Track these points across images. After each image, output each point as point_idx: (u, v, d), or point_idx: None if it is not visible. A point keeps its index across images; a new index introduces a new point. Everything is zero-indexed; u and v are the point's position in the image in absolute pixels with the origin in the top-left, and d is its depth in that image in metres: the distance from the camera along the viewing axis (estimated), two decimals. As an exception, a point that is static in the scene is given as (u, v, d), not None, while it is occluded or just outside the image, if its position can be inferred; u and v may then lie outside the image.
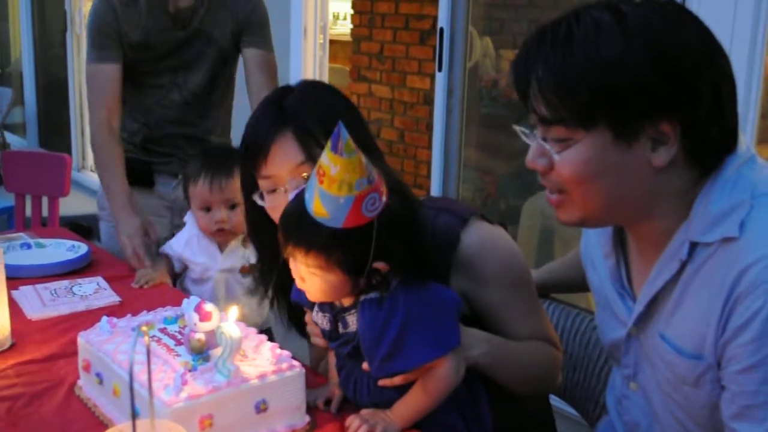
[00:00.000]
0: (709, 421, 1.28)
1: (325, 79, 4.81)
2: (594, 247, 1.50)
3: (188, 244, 2.28)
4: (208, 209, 2.21)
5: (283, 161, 1.59)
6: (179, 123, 2.75)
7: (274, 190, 1.61)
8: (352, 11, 4.71)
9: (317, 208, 1.31)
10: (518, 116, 4.02)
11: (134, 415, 0.95)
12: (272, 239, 1.62)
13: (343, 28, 7.16)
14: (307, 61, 4.63)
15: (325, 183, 1.28)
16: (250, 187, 1.66)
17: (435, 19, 3.98)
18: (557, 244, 3.82)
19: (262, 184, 1.62)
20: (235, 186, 2.09)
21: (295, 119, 1.59)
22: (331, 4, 4.87)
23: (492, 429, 1.55)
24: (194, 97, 2.75)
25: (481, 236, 1.58)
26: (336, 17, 7.98)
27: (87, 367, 1.55)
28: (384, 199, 1.33)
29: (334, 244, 1.34)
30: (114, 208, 2.51)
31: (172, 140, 2.77)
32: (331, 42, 4.95)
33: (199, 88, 2.74)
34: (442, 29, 3.81)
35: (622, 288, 1.42)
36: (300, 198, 1.37)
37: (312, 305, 1.51)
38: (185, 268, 2.31)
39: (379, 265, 1.37)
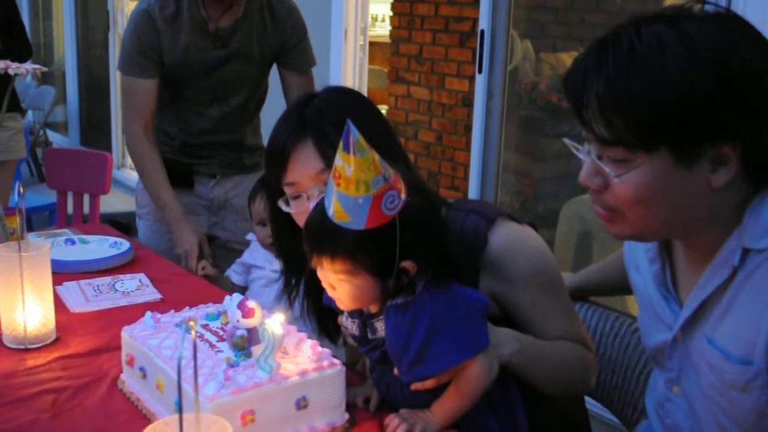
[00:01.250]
0: (754, 427, 1.27)
1: (364, 80, 4.83)
2: (639, 251, 1.49)
3: (250, 251, 2.51)
4: (264, 225, 2.42)
5: (303, 169, 1.61)
6: (217, 132, 2.80)
7: (297, 197, 1.63)
8: (391, 13, 4.72)
9: (337, 212, 1.31)
10: (557, 120, 4.01)
11: (181, 410, 0.96)
12: (296, 245, 1.63)
13: (382, 30, 7.17)
14: (347, 63, 4.65)
15: (342, 185, 1.28)
16: (274, 193, 1.68)
17: (475, 21, 3.98)
18: (595, 248, 3.80)
19: (287, 190, 1.64)
20: None
21: (314, 127, 1.60)
22: (370, 6, 4.88)
23: (526, 430, 1.54)
24: (233, 111, 2.79)
25: (509, 236, 1.57)
26: (374, 19, 7.99)
27: (130, 362, 1.57)
28: (403, 196, 1.32)
29: (358, 248, 1.34)
30: (169, 219, 2.60)
31: (211, 146, 2.82)
32: (370, 43, 4.96)
33: (239, 103, 2.79)
34: (483, 31, 3.80)
35: (668, 292, 1.41)
36: (320, 206, 1.37)
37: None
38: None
39: (407, 264, 1.37)
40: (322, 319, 1.76)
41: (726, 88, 1.15)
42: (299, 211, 1.62)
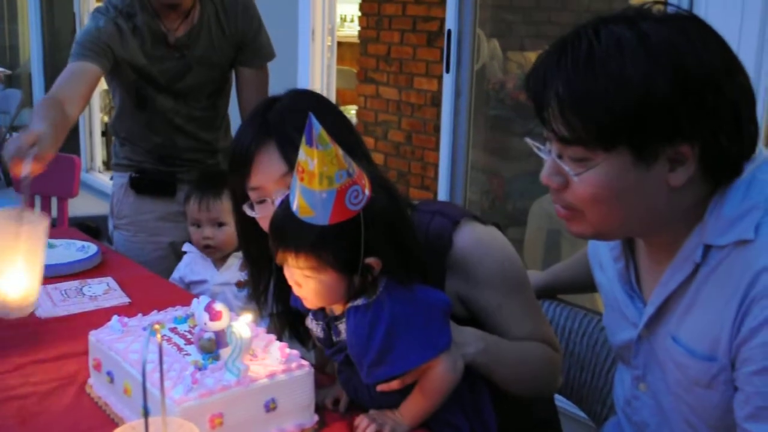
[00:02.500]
0: (720, 422, 1.28)
1: (333, 81, 4.82)
2: (602, 249, 1.50)
3: (189, 265, 2.52)
4: (198, 226, 2.47)
5: (267, 173, 1.59)
6: (190, 136, 2.80)
7: (262, 201, 1.62)
8: (359, 13, 4.72)
9: (302, 207, 1.31)
10: (525, 119, 4.02)
11: (146, 413, 0.96)
12: (262, 251, 1.63)
13: (351, 30, 7.17)
14: (315, 64, 4.64)
15: (306, 179, 1.28)
16: (239, 198, 1.66)
17: (442, 21, 3.98)
18: (564, 246, 3.82)
19: (251, 195, 1.63)
20: (222, 206, 2.41)
21: (277, 130, 1.59)
22: (338, 6, 4.87)
23: (496, 429, 1.55)
24: (200, 113, 2.79)
25: (473, 237, 1.58)
26: (343, 19, 7.99)
27: (98, 366, 1.56)
28: (367, 192, 1.32)
29: (323, 243, 1.34)
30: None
31: (189, 152, 2.82)
32: (339, 44, 4.95)
33: (204, 105, 2.79)
34: (450, 31, 3.81)
35: (632, 290, 1.42)
36: (285, 203, 1.37)
37: (309, 310, 1.51)
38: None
39: (372, 261, 1.37)
40: (292, 323, 1.75)
41: (684, 89, 1.16)
42: (264, 215, 1.61)
